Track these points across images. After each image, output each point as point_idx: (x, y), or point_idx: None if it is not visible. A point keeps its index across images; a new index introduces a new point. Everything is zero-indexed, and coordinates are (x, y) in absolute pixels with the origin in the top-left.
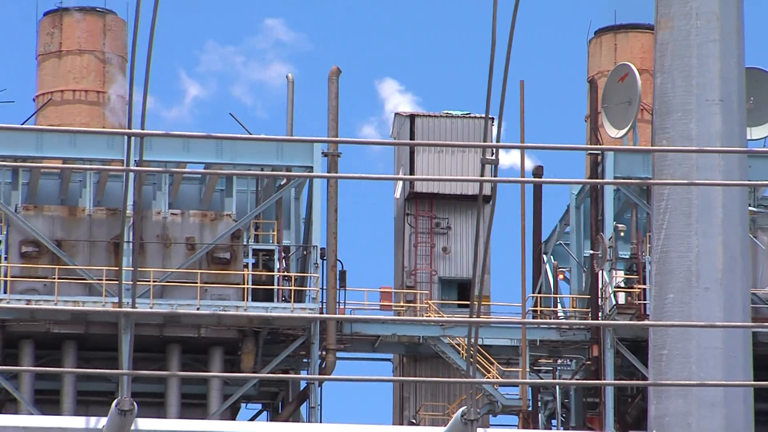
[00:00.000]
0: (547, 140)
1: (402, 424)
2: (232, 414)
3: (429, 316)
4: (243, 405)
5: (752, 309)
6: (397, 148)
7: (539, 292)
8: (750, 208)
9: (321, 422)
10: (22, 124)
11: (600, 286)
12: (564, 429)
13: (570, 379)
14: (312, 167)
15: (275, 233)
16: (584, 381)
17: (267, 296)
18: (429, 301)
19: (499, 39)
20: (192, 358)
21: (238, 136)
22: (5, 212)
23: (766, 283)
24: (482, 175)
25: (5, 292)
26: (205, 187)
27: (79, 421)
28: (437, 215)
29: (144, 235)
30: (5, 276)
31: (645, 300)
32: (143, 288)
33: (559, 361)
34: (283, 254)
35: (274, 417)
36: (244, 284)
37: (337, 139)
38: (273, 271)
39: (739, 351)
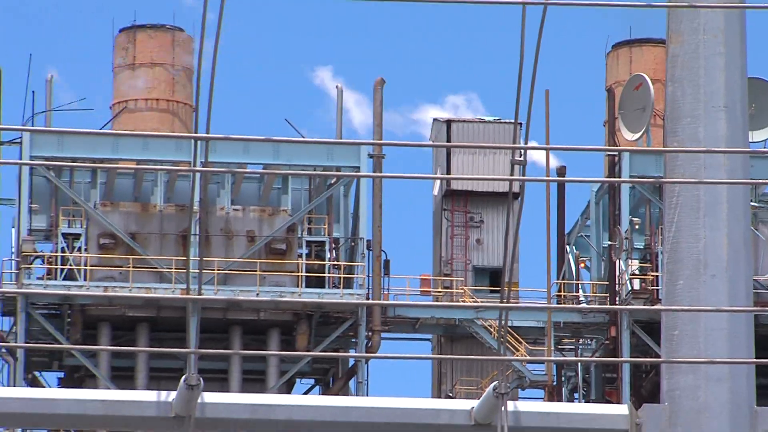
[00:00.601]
0: (570, 142)
1: (440, 397)
2: (287, 388)
3: (464, 300)
4: (297, 380)
5: (754, 294)
6: (435, 150)
7: (563, 279)
8: (752, 204)
9: (367, 396)
10: (100, 129)
11: (617, 273)
12: (585, 401)
13: (590, 357)
14: (359, 167)
15: (326, 226)
16: (603, 359)
17: (319, 283)
18: (464, 288)
19: (526, 54)
20: (252, 339)
21: (293, 139)
22: (85, 208)
23: (767, 271)
24: (511, 174)
25: (85, 280)
26: (264, 186)
27: (151, 395)
28: (471, 210)
29: (209, 229)
30: (85, 265)
31: (657, 286)
32: (208, 276)
33: (581, 341)
34: (333, 245)
35: (325, 391)
36: (298, 272)
37: (381, 141)
38: (324, 261)
39: (742, 332)
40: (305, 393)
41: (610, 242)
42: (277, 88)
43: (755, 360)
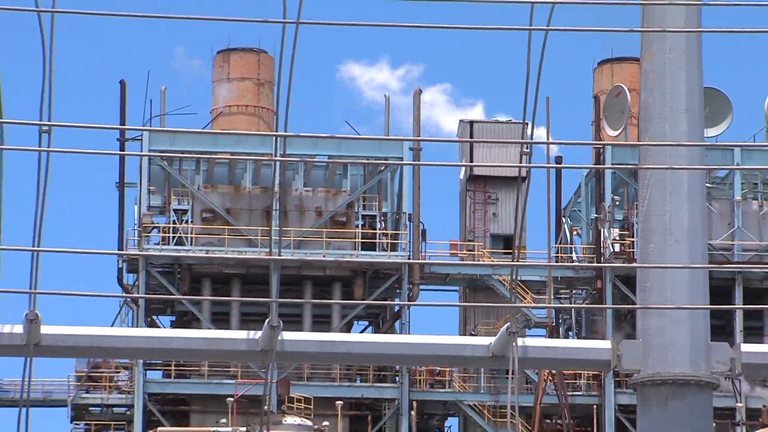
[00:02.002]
0: (565, 138)
1: (465, 335)
2: (347, 329)
3: (483, 260)
4: (355, 323)
5: (708, 254)
6: (461, 143)
7: (560, 244)
8: (707, 185)
9: (409, 334)
10: (202, 129)
11: (602, 239)
12: (577, 338)
13: (581, 304)
14: (402, 157)
15: (377, 203)
16: (591, 305)
17: (371, 247)
18: (483, 250)
19: (532, 68)
20: (319, 290)
21: (351, 136)
22: (191, 190)
23: (717, 237)
24: (520, 162)
25: (191, 245)
26: (328, 172)
27: (242, 334)
28: (489, 191)
29: (286, 205)
30: (191, 233)
31: (633, 249)
32: (286, 242)
33: (574, 291)
34: (382, 218)
35: (376, 331)
36: (355, 239)
37: (419, 138)
38: (375, 230)
39: (699, 284)
40: (361, 332)
41: (596, 215)
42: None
43: (709, 306)
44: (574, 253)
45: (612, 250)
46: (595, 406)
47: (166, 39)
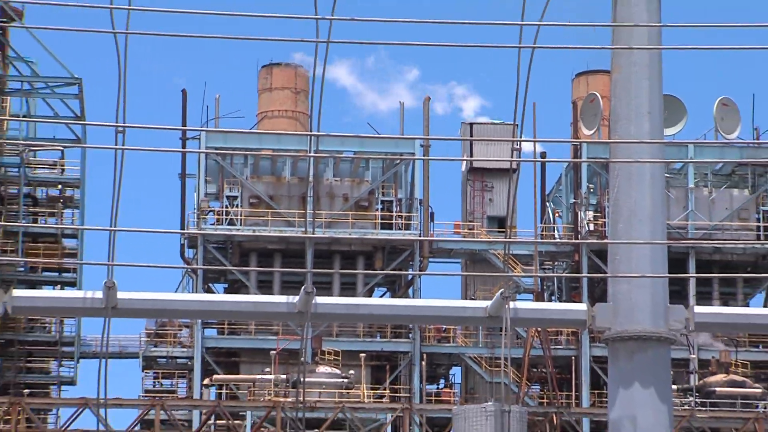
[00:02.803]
0: (549, 137)
1: (466, 299)
2: (369, 294)
3: (481, 237)
4: (375, 289)
5: (666, 232)
6: (463, 141)
7: (544, 224)
8: (665, 175)
9: (420, 298)
10: (249, 129)
11: (579, 219)
12: (559, 302)
13: (562, 273)
14: (414, 153)
15: (393, 191)
16: (570, 274)
17: (388, 227)
18: (481, 229)
19: (522, 80)
20: (346, 262)
21: (372, 135)
22: (240, 180)
23: (674, 218)
24: (512, 157)
25: (240, 225)
26: (353, 165)
27: (282, 299)
28: (486, 180)
29: (319, 193)
30: (240, 216)
31: (605, 227)
32: (318, 222)
33: (556, 263)
34: (398, 202)
35: (393, 296)
36: (375, 220)
37: (428, 136)
38: (392, 212)
39: (659, 256)
40: (380, 297)
41: (574, 200)
42: (359, 100)
43: (667, 275)
44: (556, 231)
45: (587, 228)
46: (573, 358)
47: (221, 54)
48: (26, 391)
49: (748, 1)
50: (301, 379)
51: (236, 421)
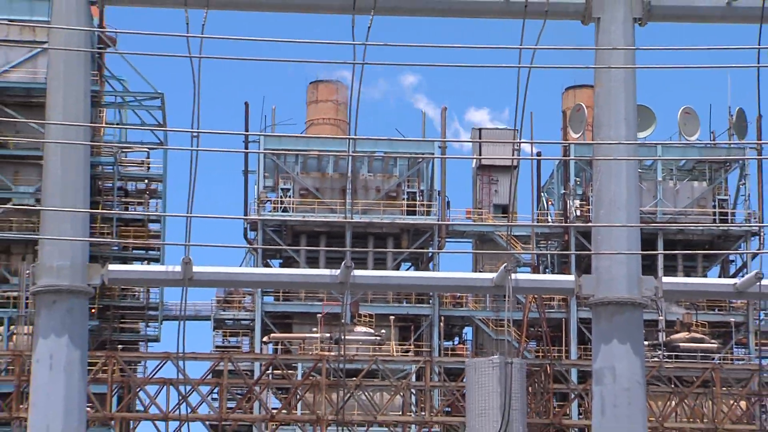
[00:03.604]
0: (543, 139)
1: (476, 272)
2: (396, 268)
3: (488, 221)
4: (402, 264)
5: (639, 217)
6: (473, 143)
7: (539, 210)
8: (639, 170)
9: (438, 271)
10: (300, 134)
11: (568, 207)
12: (551, 273)
13: (554, 251)
14: (433, 153)
15: (417, 184)
16: (561, 252)
17: (413, 213)
18: (488, 215)
19: (522, 94)
20: (378, 242)
21: (400, 138)
22: (292, 175)
23: (645, 205)
24: (513, 156)
25: (292, 212)
26: (384, 163)
27: (326, 271)
28: (492, 175)
29: (356, 185)
30: (292, 204)
31: (590, 213)
32: (355, 210)
33: (549, 242)
34: (420, 193)
35: (416, 269)
36: (402, 207)
37: (445, 139)
38: (416, 201)
39: (633, 237)
40: (406, 270)
41: (564, 191)
42: (389, 108)
43: (640, 252)
44: (549, 216)
45: (575, 214)
46: (563, 319)
47: (276, 73)
48: (119, 346)
49: (709, 28)
50: (342, 337)
51: (289, 371)
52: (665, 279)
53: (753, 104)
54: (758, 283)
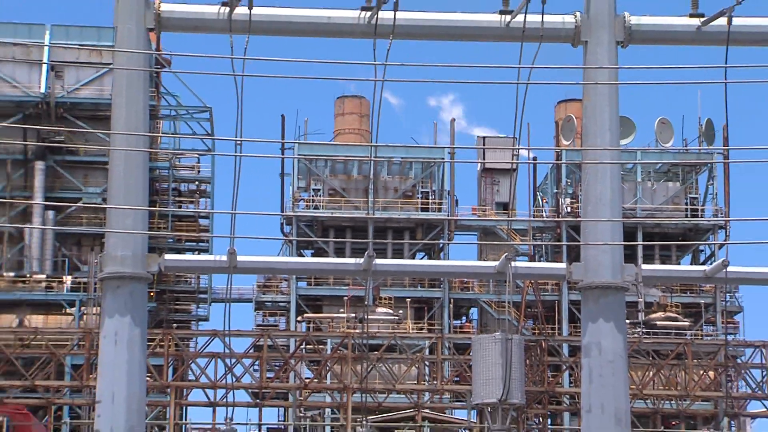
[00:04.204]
0: (538, 146)
1: (481, 260)
2: (412, 257)
3: (490, 217)
4: (417, 253)
5: (621, 213)
6: (478, 149)
7: (535, 207)
8: (621, 173)
9: (448, 260)
10: (329, 142)
11: (560, 204)
12: (546, 261)
13: (548, 242)
14: (444, 158)
15: (430, 184)
16: (554, 242)
17: (426, 210)
18: (491, 211)
19: (521, 108)
20: (396, 235)
21: (414, 145)
22: (322, 177)
23: (627, 203)
24: (512, 160)
25: (322, 209)
26: (401, 166)
27: (352, 260)
28: (494, 177)
29: (377, 186)
30: (322, 202)
31: (579, 210)
32: (377, 207)
33: (544, 234)
34: (432, 193)
35: (429, 258)
36: (417, 205)
37: (453, 146)
38: (428, 200)
39: (617, 230)
40: (420, 259)
41: (556, 190)
42: (407, 117)
43: (622, 243)
44: (544, 212)
45: (566, 210)
46: (556, 301)
47: (308, 89)
48: (174, 325)
49: (683, 49)
50: (365, 317)
51: (320, 346)
52: (644, 266)
53: (721, 115)
54: (724, 270)
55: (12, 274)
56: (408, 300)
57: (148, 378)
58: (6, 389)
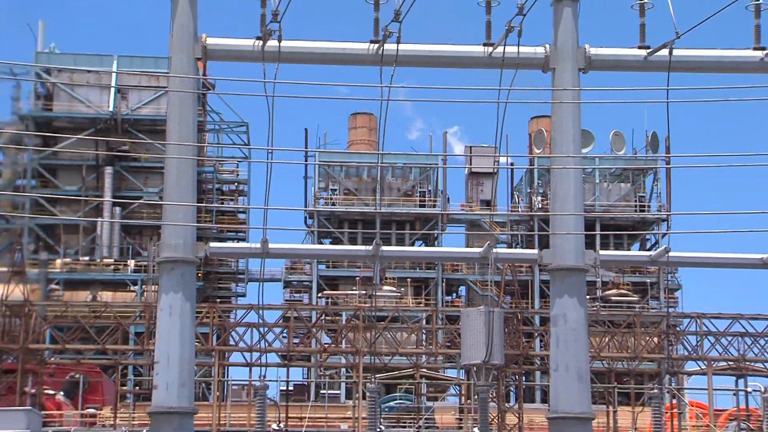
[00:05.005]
0: (515, 153)
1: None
2: (412, 245)
3: (475, 212)
4: (416, 242)
5: (583, 209)
6: (466, 156)
7: (512, 204)
8: (582, 176)
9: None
10: (344, 150)
11: (533, 201)
12: (521, 248)
13: (524, 232)
14: (437, 163)
15: (426, 185)
16: (529, 232)
17: (423, 206)
18: (476, 207)
19: (501, 122)
20: (399, 226)
21: (414, 153)
22: (339, 179)
23: (587, 200)
24: (494, 165)
25: (338, 205)
26: (403, 170)
27: (362, 247)
28: (479, 179)
29: (383, 186)
30: (339, 200)
31: (548, 206)
32: (383, 204)
33: (519, 226)
34: (429, 192)
35: (426, 246)
36: (416, 202)
37: (446, 154)
38: (425, 198)
39: (580, 222)
40: (419, 247)
41: (530, 190)
42: (407, 130)
43: (583, 232)
44: (519, 208)
45: (538, 206)
46: (530, 281)
47: (327, 107)
48: (217, 300)
49: (637, 75)
50: (374, 293)
51: (336, 317)
52: (601, 252)
53: (664, 127)
54: (666, 255)
55: (86, 258)
56: (408, 280)
57: (196, 343)
58: (82, 352)
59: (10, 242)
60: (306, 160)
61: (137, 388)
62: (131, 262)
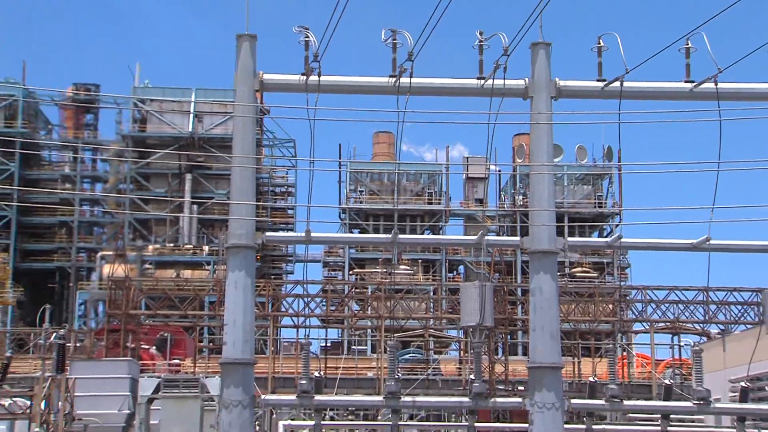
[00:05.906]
0: (502, 162)
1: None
2: (421, 233)
3: (471, 208)
4: (424, 232)
5: (555, 205)
6: (464, 164)
7: (500, 202)
8: (554, 180)
9: (444, 234)
10: (369, 161)
11: (516, 200)
12: (507, 236)
13: (509, 224)
14: (442, 171)
15: (433, 186)
16: (512, 224)
17: (430, 203)
18: (472, 204)
19: (490, 141)
20: (412, 219)
21: (423, 162)
22: (365, 183)
23: (558, 198)
24: (486, 172)
25: (365, 204)
26: (415, 176)
27: (384, 235)
28: (474, 183)
29: (399, 189)
30: (363, 199)
31: (528, 203)
32: (400, 202)
33: (506, 219)
34: (435, 192)
35: (433, 234)
36: (425, 200)
37: (449, 163)
38: (433, 197)
39: (551, 215)
40: (427, 235)
41: (513, 190)
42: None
43: (554, 224)
44: (505, 205)
45: (520, 204)
46: (513, 261)
47: (356, 128)
48: (272, 276)
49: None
50: (393, 272)
51: (363, 290)
52: (569, 239)
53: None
54: (619, 241)
55: (172, 244)
56: (419, 261)
57: (255, 310)
58: (169, 316)
59: (114, 232)
60: (339, 168)
61: (211, 344)
62: (206, 248)
